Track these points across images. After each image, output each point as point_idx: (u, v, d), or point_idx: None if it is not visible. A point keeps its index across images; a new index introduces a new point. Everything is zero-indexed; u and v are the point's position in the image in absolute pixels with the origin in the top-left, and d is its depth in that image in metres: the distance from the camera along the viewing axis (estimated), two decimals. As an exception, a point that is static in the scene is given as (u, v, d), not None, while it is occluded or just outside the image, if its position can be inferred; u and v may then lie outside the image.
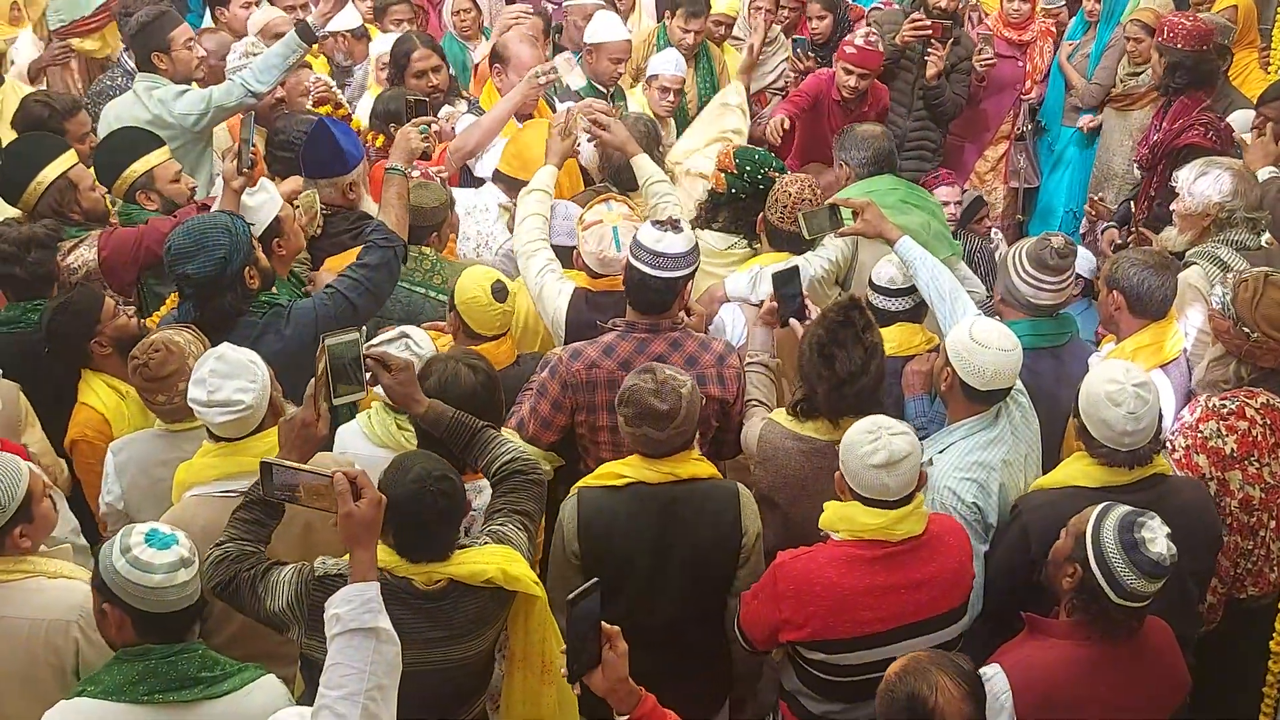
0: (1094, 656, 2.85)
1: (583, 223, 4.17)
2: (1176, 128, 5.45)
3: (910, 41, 6.25)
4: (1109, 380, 3.25)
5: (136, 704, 2.54)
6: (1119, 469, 3.30)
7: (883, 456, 2.99)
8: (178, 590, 2.60)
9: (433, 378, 3.26)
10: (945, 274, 3.92)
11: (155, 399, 3.46)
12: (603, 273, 4.11)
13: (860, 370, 3.38)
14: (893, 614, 3.05)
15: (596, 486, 3.30)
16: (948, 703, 2.51)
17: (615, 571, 3.24)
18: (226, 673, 2.63)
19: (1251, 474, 3.56)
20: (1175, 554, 2.82)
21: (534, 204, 4.35)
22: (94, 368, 3.89)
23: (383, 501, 2.66)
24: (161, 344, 3.44)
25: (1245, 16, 6.44)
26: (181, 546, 2.64)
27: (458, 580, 2.86)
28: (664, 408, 3.16)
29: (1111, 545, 2.83)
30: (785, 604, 3.04)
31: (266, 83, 5.11)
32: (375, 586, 2.58)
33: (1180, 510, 3.29)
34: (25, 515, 2.94)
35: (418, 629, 2.79)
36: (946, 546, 3.13)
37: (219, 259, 3.64)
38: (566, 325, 4.04)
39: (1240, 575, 3.63)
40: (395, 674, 2.56)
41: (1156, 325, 3.90)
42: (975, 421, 3.50)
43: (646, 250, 3.65)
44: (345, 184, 4.60)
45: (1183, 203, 4.50)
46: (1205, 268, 4.24)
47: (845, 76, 5.92)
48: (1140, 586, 2.82)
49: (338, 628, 2.54)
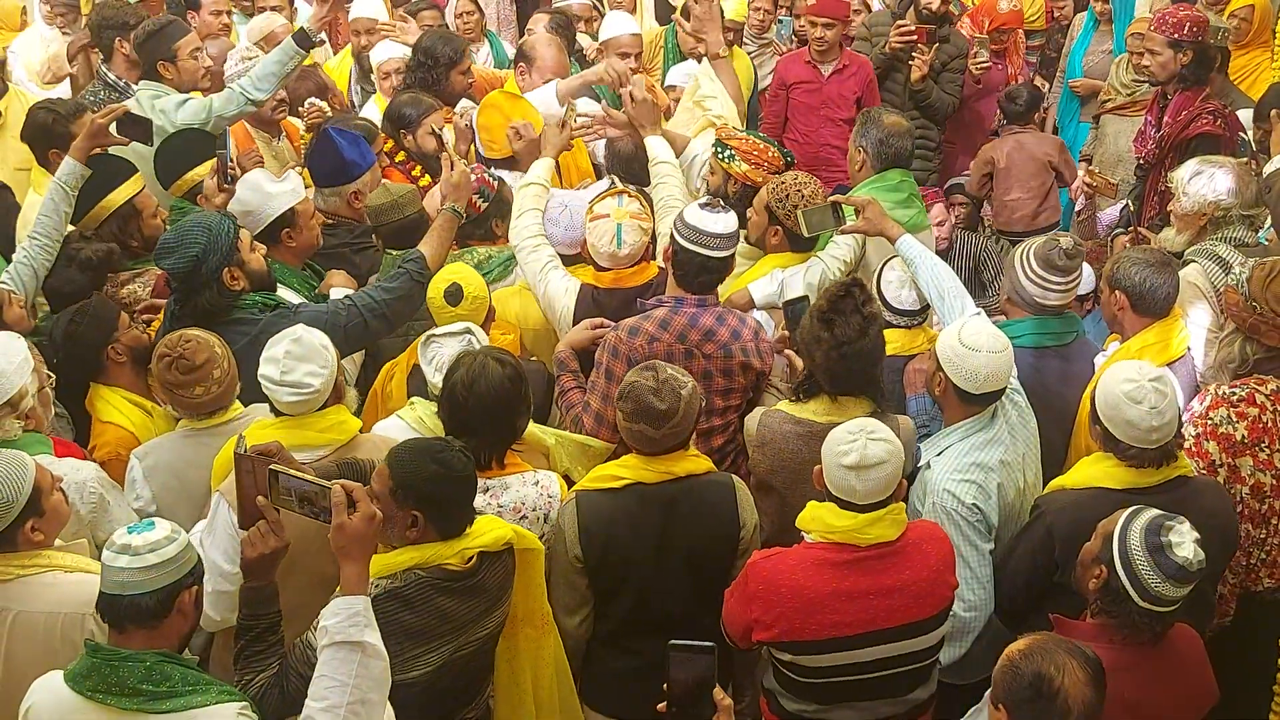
0: (1119, 660, 2.79)
1: (592, 212, 4.16)
2: (1183, 119, 5.44)
3: (898, 49, 6.34)
4: (1125, 380, 3.22)
5: (82, 696, 2.53)
6: (1145, 470, 3.27)
7: (853, 459, 2.97)
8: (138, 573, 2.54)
9: (461, 370, 3.27)
10: (946, 273, 3.92)
11: (192, 392, 3.47)
12: (605, 266, 4.11)
13: (858, 335, 3.40)
14: (861, 619, 3.03)
15: (594, 490, 3.29)
16: (1073, 685, 2.51)
17: (617, 571, 3.26)
18: (174, 691, 2.53)
19: (1262, 460, 3.55)
20: (1203, 559, 2.78)
21: (531, 198, 4.35)
22: (106, 379, 3.87)
23: (376, 517, 2.64)
24: (189, 337, 3.49)
25: (1261, 16, 6.44)
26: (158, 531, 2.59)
27: (485, 551, 2.92)
28: (662, 407, 3.17)
29: (1138, 548, 2.80)
30: (755, 604, 3.04)
31: (266, 90, 5.14)
32: (364, 601, 2.57)
33: (1202, 513, 3.25)
34: (35, 509, 2.94)
35: (464, 611, 2.85)
36: (923, 555, 3.10)
37: (192, 257, 3.75)
38: (573, 323, 4.05)
39: (1254, 566, 3.61)
40: (382, 689, 2.55)
41: (1162, 324, 3.91)
42: (972, 423, 3.50)
43: (705, 233, 3.74)
44: (349, 193, 4.61)
45: (1179, 203, 4.54)
46: (1204, 265, 4.26)
47: (812, 29, 6.16)
48: (1166, 591, 2.78)
49: (325, 640, 2.54)
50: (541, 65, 5.42)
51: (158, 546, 2.56)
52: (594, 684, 3.44)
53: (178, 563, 2.59)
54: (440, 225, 4.17)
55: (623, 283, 4.14)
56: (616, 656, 3.37)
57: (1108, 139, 6.74)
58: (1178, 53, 5.50)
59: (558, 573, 3.30)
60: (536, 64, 5.44)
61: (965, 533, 3.41)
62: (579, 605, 3.31)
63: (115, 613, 2.56)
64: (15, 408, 3.38)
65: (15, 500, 2.89)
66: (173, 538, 2.60)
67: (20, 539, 2.93)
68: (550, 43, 5.54)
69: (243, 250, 3.86)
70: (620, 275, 4.15)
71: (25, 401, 3.40)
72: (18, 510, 2.90)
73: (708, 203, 3.84)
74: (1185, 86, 5.53)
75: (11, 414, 3.37)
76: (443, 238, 4.14)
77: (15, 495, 2.89)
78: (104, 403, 3.85)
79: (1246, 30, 6.42)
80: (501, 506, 3.26)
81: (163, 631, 2.59)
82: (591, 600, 3.31)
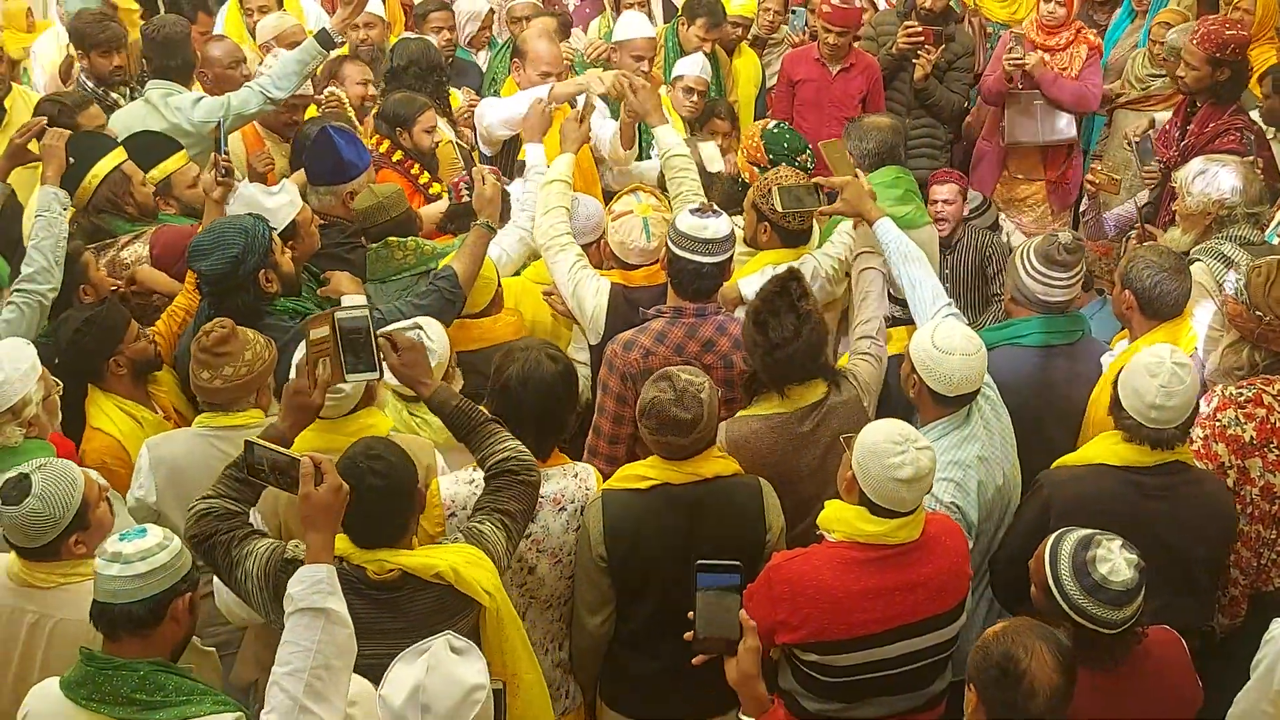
0: (1088, 680, 2.76)
1: (611, 213, 4.16)
2: (1211, 131, 5.42)
3: (905, 50, 6.35)
4: (1151, 354, 3.30)
5: (77, 704, 2.56)
6: (1144, 448, 3.31)
7: (908, 472, 2.95)
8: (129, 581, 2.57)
9: (515, 366, 3.30)
10: (919, 262, 3.88)
11: (200, 375, 3.49)
12: (635, 263, 4.10)
13: (791, 336, 3.43)
14: (889, 615, 3.05)
15: (621, 489, 3.29)
16: (1040, 669, 2.52)
17: (642, 572, 3.27)
18: (168, 700, 2.57)
19: (1272, 461, 3.56)
20: (1137, 575, 2.75)
21: (556, 195, 4.29)
22: (104, 387, 3.87)
23: (343, 489, 2.70)
24: (229, 325, 3.51)
25: (1264, 10, 6.41)
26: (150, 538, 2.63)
27: (410, 573, 2.87)
28: (688, 416, 3.18)
29: (1068, 577, 2.80)
30: (781, 606, 3.03)
31: (285, 90, 5.15)
32: (327, 568, 2.60)
33: (1198, 498, 3.35)
34: (81, 523, 2.98)
35: (373, 619, 2.80)
36: (944, 548, 3.13)
37: (231, 258, 3.76)
38: (606, 324, 4.04)
39: (1265, 566, 3.63)
40: (346, 656, 2.57)
41: (1170, 324, 3.92)
42: (947, 422, 3.51)
43: (695, 240, 3.72)
44: (344, 192, 4.62)
45: (1183, 202, 4.55)
46: (1210, 264, 4.27)
47: (825, 34, 6.23)
48: (1107, 615, 2.77)
49: (290, 607, 2.56)
50: (535, 60, 5.42)
51: (149, 554, 2.60)
52: (615, 686, 3.47)
53: (170, 569, 2.62)
54: (473, 241, 4.10)
55: (653, 279, 4.12)
56: (638, 659, 3.38)
57: (1120, 134, 6.53)
58: (1215, 70, 5.42)
59: (582, 571, 3.32)
60: (530, 59, 5.45)
61: None
62: (601, 604, 3.33)
63: (108, 620, 2.60)
64: (17, 415, 3.39)
65: (61, 518, 2.94)
66: (165, 544, 2.63)
67: (64, 551, 2.97)
68: (543, 36, 5.54)
69: (276, 252, 3.89)
70: (650, 272, 4.13)
71: (28, 410, 3.41)
72: (63, 526, 2.94)
73: (698, 208, 3.83)
74: (1217, 102, 5.49)
75: (13, 421, 3.39)
76: (475, 254, 4.07)
77: (62, 512, 2.93)
78: (97, 409, 3.85)
79: (1250, 24, 6.37)
80: (543, 497, 3.27)
81: (156, 640, 2.63)
82: (613, 599, 3.33)
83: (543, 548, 3.32)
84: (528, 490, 3.09)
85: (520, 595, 3.33)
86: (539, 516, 3.28)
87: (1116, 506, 3.30)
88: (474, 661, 2.52)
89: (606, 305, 4.05)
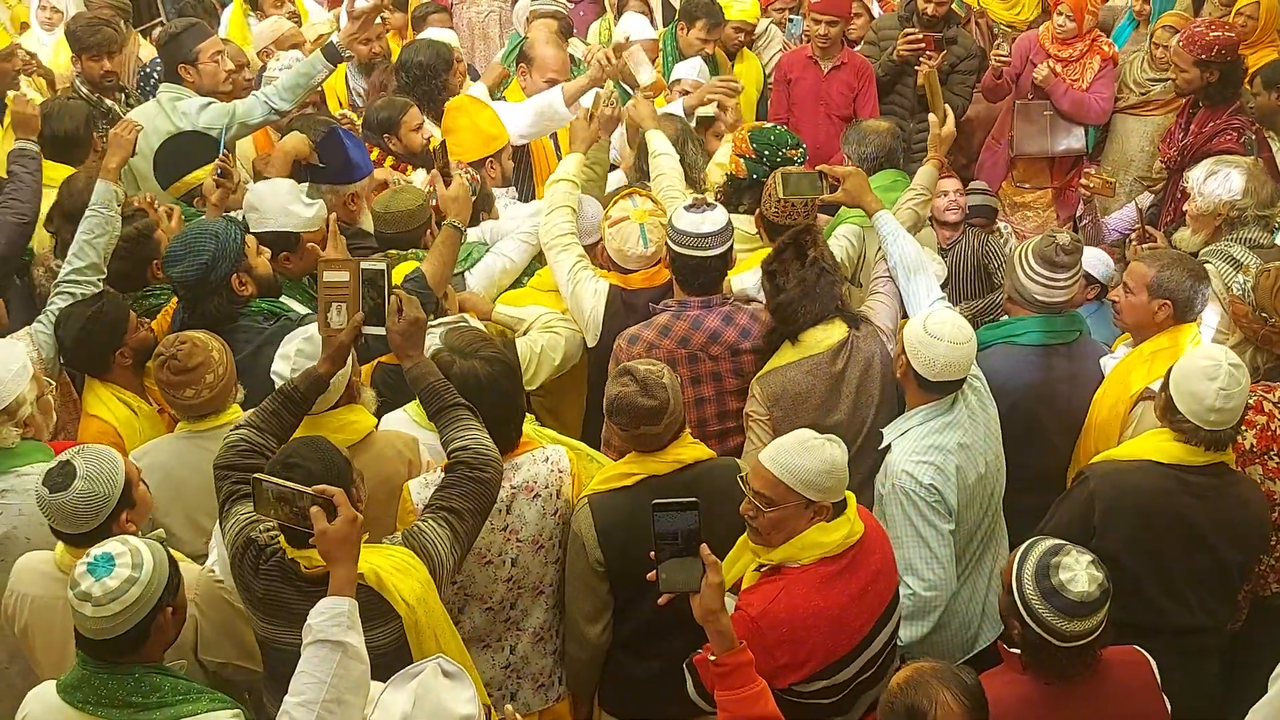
0: (1050, 696, 2.81)
1: (609, 218, 4.17)
2: (1209, 131, 5.46)
3: (907, 57, 6.33)
4: (1206, 357, 3.32)
5: (73, 707, 2.58)
6: (1194, 449, 3.33)
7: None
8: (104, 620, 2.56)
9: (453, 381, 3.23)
10: (914, 254, 3.98)
11: (183, 394, 3.50)
12: (633, 269, 4.12)
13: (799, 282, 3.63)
14: (870, 610, 3.10)
15: (606, 491, 3.27)
16: (945, 716, 2.50)
17: (640, 570, 3.18)
18: (164, 701, 2.59)
19: (1272, 468, 3.58)
20: (1097, 591, 2.74)
21: (562, 195, 4.30)
22: (108, 378, 3.90)
23: (357, 520, 2.68)
24: (186, 338, 3.52)
25: (1267, 13, 6.41)
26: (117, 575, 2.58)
27: None
28: (655, 403, 3.18)
29: (1033, 593, 2.79)
30: (780, 651, 2.98)
31: (290, 101, 5.15)
32: (349, 603, 2.60)
33: (1239, 503, 3.37)
34: (128, 501, 3.04)
35: (301, 610, 2.73)
36: (875, 530, 3.20)
37: (202, 264, 3.81)
38: (603, 326, 4.05)
39: (1264, 572, 3.64)
40: (360, 691, 2.56)
41: (1174, 328, 3.91)
42: (931, 408, 3.57)
43: (693, 235, 3.78)
44: (347, 194, 4.63)
45: (1194, 203, 4.57)
46: (1218, 266, 4.26)
47: (815, 26, 6.23)
48: (1072, 627, 2.75)
49: (309, 637, 2.57)
50: (542, 65, 5.43)
51: (118, 594, 2.56)
52: (613, 689, 3.46)
53: (144, 600, 2.60)
54: (442, 241, 4.06)
55: (651, 281, 4.13)
56: (635, 662, 3.38)
57: (1118, 139, 6.63)
58: (1204, 72, 5.49)
59: (577, 581, 3.31)
60: (537, 64, 5.45)
61: (924, 513, 3.48)
62: (600, 611, 3.32)
63: (94, 649, 2.61)
64: (12, 415, 3.40)
65: (112, 495, 2.98)
66: (134, 578, 2.59)
67: (114, 530, 2.98)
68: (550, 42, 5.55)
69: (250, 255, 3.91)
70: (648, 275, 4.14)
71: (23, 410, 3.42)
72: (114, 503, 2.99)
73: (693, 204, 3.87)
74: (1212, 104, 5.53)
75: (9, 422, 3.40)
76: (444, 255, 4.02)
77: (110, 489, 2.98)
78: (94, 396, 3.89)
79: (1254, 28, 6.38)
80: (514, 487, 3.26)
81: (145, 653, 2.66)
82: (612, 604, 3.32)
83: (521, 538, 3.31)
84: (479, 487, 3.02)
85: (508, 589, 3.33)
86: (513, 507, 3.27)
87: (1161, 503, 3.34)
88: (464, 689, 2.42)
89: (604, 307, 4.07)
